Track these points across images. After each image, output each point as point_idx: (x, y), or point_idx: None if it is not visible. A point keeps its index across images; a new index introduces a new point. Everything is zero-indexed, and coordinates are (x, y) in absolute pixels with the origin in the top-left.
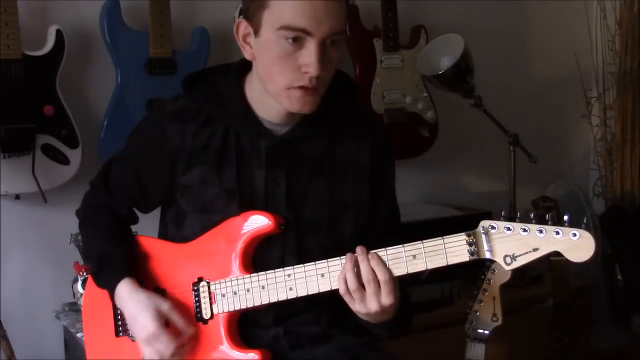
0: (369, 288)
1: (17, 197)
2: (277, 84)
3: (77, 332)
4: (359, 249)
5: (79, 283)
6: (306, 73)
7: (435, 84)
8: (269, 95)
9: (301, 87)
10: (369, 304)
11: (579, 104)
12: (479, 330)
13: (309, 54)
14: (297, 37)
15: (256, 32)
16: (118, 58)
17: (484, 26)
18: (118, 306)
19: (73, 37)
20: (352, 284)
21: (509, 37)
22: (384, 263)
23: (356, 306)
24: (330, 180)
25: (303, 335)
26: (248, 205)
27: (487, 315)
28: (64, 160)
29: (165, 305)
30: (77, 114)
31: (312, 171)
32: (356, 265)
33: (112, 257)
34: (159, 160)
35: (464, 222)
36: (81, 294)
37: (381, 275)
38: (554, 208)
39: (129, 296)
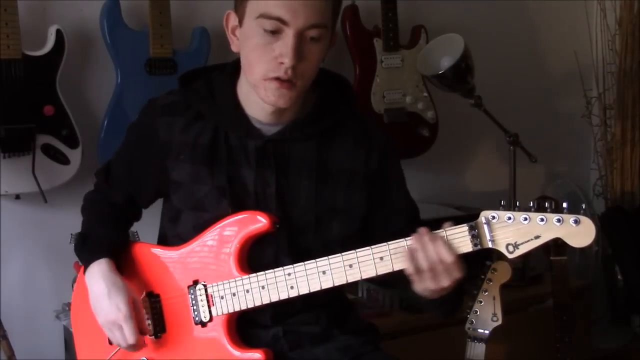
0: (440, 267)
1: (17, 197)
2: (254, 74)
3: None
4: (424, 230)
5: None
6: (282, 64)
7: (435, 83)
8: (254, 92)
9: (277, 79)
10: (442, 280)
11: (579, 104)
12: (479, 330)
13: (284, 44)
14: (275, 27)
15: (240, 23)
16: (118, 58)
17: (484, 26)
18: (86, 282)
19: (73, 37)
20: (425, 264)
21: (509, 37)
22: (448, 244)
23: (426, 284)
24: (318, 185)
25: (303, 335)
26: (239, 203)
27: (487, 315)
28: (64, 160)
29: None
30: (77, 114)
31: (300, 174)
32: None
33: (98, 236)
34: (149, 154)
35: (464, 222)
36: None
37: (448, 257)
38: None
39: (103, 275)
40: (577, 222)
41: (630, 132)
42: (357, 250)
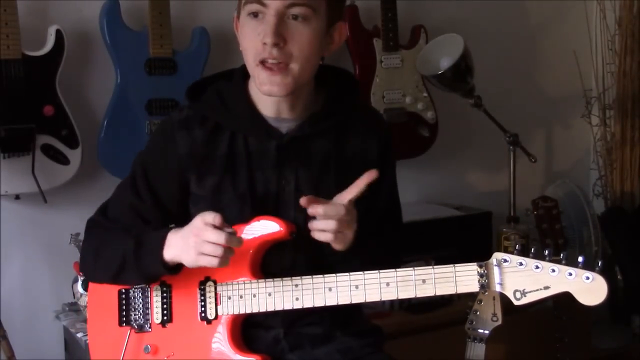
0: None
1: (17, 197)
2: (249, 62)
3: (77, 332)
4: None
5: (79, 283)
6: (265, 44)
7: (435, 84)
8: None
9: (265, 64)
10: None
11: (579, 104)
12: (479, 330)
13: (266, 25)
14: (256, 9)
15: (239, 19)
16: (118, 58)
17: (484, 26)
18: (174, 258)
19: (73, 37)
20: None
21: (509, 37)
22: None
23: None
24: (338, 177)
25: (304, 336)
26: (260, 207)
27: (487, 315)
28: (63, 161)
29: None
30: (77, 114)
31: (321, 168)
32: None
33: (148, 234)
34: (170, 169)
35: (464, 222)
36: (81, 294)
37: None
38: (554, 208)
39: (175, 235)
40: (589, 279)
41: (630, 132)
42: (365, 272)
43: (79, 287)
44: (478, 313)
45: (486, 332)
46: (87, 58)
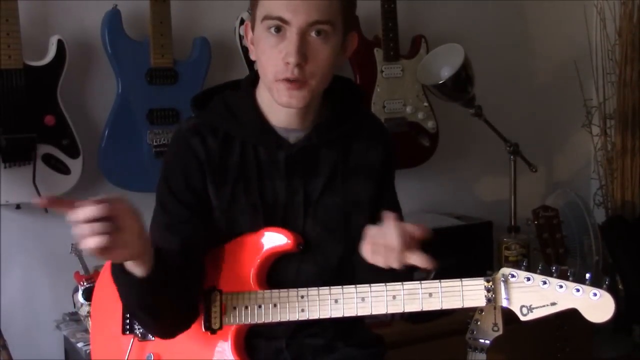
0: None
1: (18, 206)
2: (267, 77)
3: (78, 342)
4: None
5: (80, 293)
6: (288, 64)
7: (435, 93)
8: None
9: (286, 80)
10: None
11: (579, 113)
12: (480, 340)
13: (288, 43)
14: (279, 27)
15: (253, 29)
16: (119, 68)
17: (485, 36)
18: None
19: (74, 47)
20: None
21: (509, 47)
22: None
23: (376, 259)
24: (345, 183)
25: (306, 347)
26: (271, 217)
27: (488, 325)
28: (64, 170)
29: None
30: (78, 124)
31: (328, 178)
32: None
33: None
34: (193, 171)
35: (465, 231)
36: (82, 304)
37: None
38: (555, 217)
39: None
40: (597, 295)
41: (631, 142)
42: (372, 284)
43: (80, 297)
44: (479, 323)
45: (487, 341)
46: (88, 68)
